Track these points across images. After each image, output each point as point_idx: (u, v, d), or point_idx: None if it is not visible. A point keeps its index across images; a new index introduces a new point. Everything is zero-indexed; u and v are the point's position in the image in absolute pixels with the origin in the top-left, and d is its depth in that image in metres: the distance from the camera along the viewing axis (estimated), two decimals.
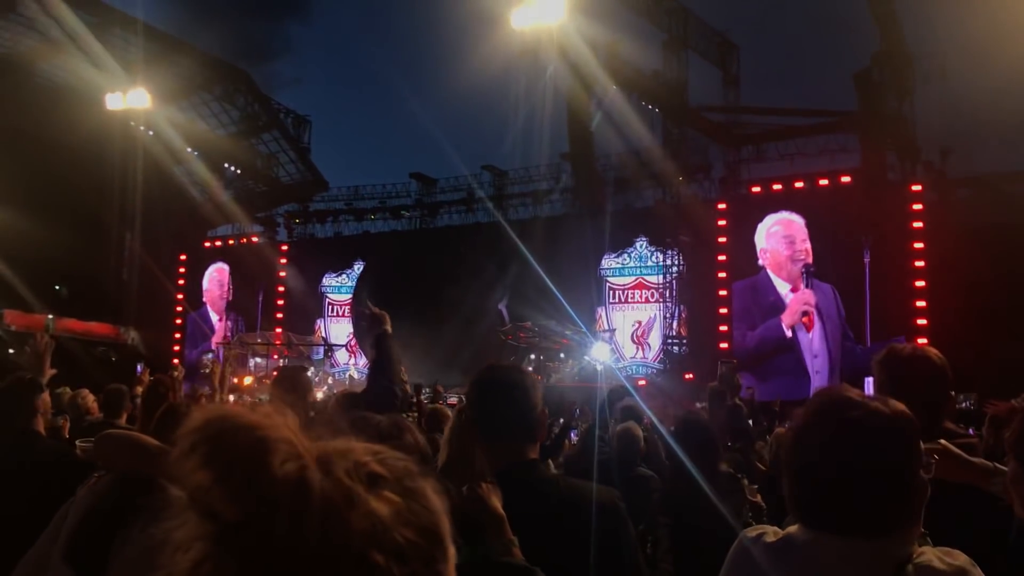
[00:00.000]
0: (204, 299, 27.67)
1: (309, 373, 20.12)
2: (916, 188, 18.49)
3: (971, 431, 4.55)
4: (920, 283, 17.69)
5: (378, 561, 0.69)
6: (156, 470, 2.08)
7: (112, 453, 2.17)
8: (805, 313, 19.03)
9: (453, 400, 13.76)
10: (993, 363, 13.39)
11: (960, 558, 1.50)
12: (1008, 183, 20.18)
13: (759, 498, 4.24)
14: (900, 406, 1.60)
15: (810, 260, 19.16)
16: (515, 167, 26.04)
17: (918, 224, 17.97)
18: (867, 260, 18.69)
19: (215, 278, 27.54)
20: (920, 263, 17.75)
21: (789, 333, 19.18)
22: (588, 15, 18.28)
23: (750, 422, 6.18)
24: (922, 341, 16.70)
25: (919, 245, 17.84)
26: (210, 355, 23.69)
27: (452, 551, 0.77)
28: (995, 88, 20.45)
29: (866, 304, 18.61)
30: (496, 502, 1.85)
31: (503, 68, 20.33)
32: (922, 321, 17.41)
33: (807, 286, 19.01)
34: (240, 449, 0.69)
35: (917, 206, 18.13)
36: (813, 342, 18.97)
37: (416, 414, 3.44)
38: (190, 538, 0.70)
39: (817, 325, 18.96)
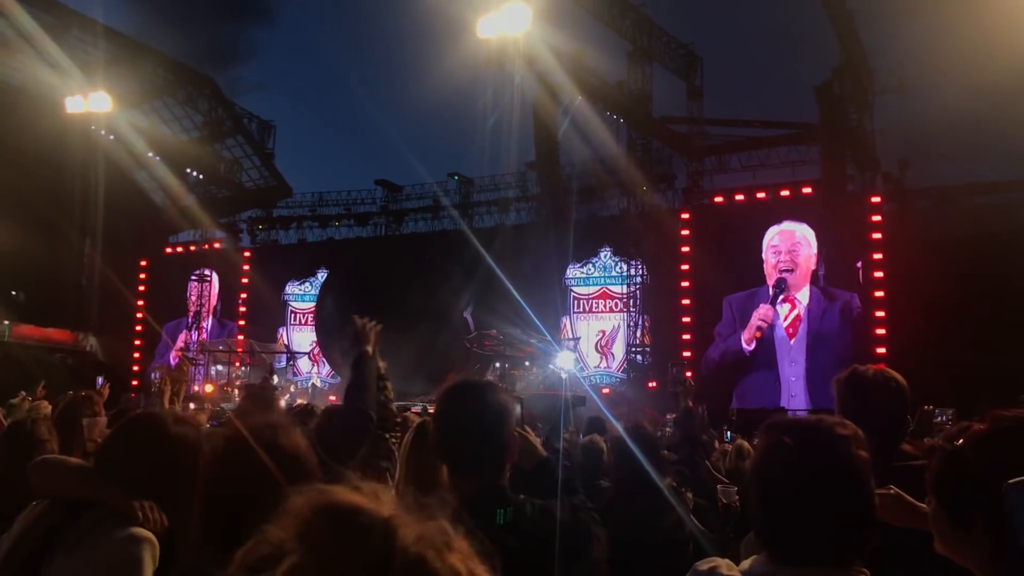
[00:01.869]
0: (190, 306, 27.02)
1: (274, 380, 19.95)
2: (875, 199, 18.75)
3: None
4: (879, 293, 17.92)
5: None
6: (82, 493, 2.09)
7: (45, 479, 2.16)
8: (759, 328, 18.88)
9: (417, 409, 13.68)
10: (952, 374, 13.59)
11: None
12: (965, 194, 20.60)
13: (736, 500, 4.27)
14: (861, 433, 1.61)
15: (787, 273, 18.98)
16: (481, 175, 26.07)
17: (877, 235, 18.22)
18: (821, 272, 18.88)
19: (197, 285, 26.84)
20: (879, 274, 17.99)
21: (749, 347, 19.08)
22: (554, 25, 18.34)
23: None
24: (881, 351, 16.97)
25: (878, 256, 18.08)
26: (156, 374, 23.26)
27: None
28: (952, 101, 20.87)
29: None
30: None
31: (470, 76, 20.29)
32: (881, 331, 17.64)
33: (771, 303, 18.95)
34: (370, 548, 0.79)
35: (876, 217, 18.39)
36: (793, 349, 18.82)
37: (399, 434, 3.35)
38: None
39: (802, 333, 18.74)
